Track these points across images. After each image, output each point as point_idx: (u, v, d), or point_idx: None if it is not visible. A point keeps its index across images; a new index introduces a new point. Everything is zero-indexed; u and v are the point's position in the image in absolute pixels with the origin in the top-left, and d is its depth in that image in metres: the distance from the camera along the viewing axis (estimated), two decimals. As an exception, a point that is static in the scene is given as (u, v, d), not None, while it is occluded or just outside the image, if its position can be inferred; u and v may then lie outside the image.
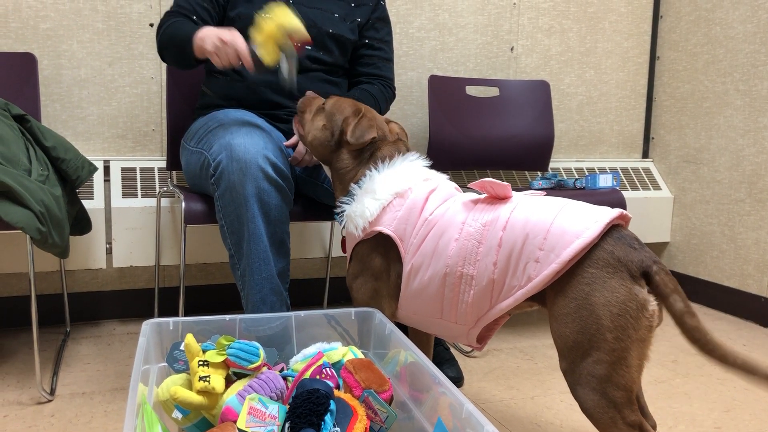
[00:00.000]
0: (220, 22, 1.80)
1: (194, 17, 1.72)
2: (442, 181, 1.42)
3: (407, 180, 1.38)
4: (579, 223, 1.12)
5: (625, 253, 1.08)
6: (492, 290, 1.21)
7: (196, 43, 1.55)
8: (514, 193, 1.29)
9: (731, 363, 1.02)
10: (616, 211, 1.14)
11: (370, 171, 1.41)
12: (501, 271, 1.19)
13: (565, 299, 1.11)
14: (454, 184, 1.44)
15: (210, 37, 1.51)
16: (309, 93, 1.61)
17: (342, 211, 1.43)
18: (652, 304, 1.07)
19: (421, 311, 1.34)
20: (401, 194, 1.36)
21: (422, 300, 1.32)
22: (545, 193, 1.36)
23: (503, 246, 1.19)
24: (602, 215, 1.12)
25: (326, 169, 1.55)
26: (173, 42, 1.63)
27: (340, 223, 1.44)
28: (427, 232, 1.31)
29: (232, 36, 1.49)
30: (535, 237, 1.15)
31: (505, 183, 1.26)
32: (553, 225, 1.14)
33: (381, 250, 1.38)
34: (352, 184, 1.43)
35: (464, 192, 1.42)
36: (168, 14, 1.75)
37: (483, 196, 1.31)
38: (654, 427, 1.19)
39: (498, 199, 1.28)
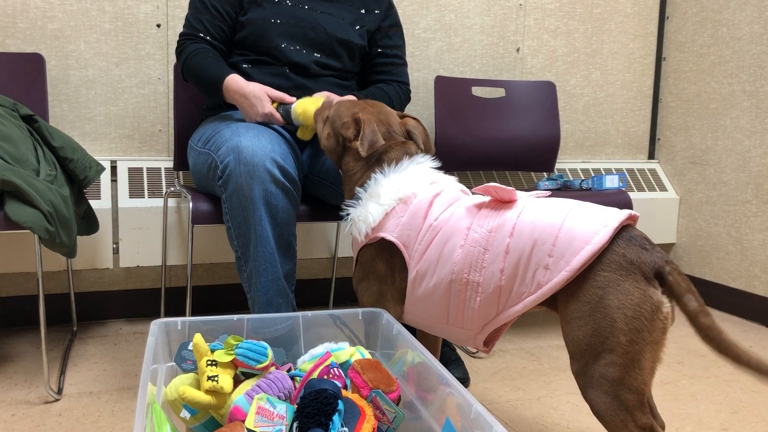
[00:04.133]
0: (233, 29, 1.81)
1: (208, 37, 1.78)
2: (447, 184, 1.40)
3: (412, 185, 1.36)
4: (588, 227, 1.11)
5: (637, 254, 1.08)
6: (499, 297, 1.20)
7: (226, 94, 1.69)
8: (519, 193, 1.27)
9: (744, 363, 1.01)
10: (625, 213, 1.13)
11: (376, 174, 1.40)
12: (509, 278, 1.18)
13: (577, 303, 1.10)
14: (460, 186, 1.42)
15: (238, 98, 1.67)
16: (324, 103, 1.60)
17: (347, 214, 1.43)
18: (666, 305, 1.06)
19: (427, 316, 1.34)
20: (405, 200, 1.35)
21: (428, 305, 1.32)
22: (550, 193, 1.35)
23: (511, 253, 1.18)
24: (611, 218, 1.11)
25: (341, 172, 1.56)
26: (199, 78, 1.73)
27: (347, 226, 1.44)
28: (432, 238, 1.29)
29: (260, 102, 1.65)
30: (544, 243, 1.13)
31: (510, 188, 1.24)
32: (562, 230, 1.13)
33: (385, 255, 1.38)
34: (358, 188, 1.43)
35: (470, 194, 1.41)
36: (184, 38, 1.79)
37: (488, 199, 1.30)
38: (663, 427, 1.19)
39: (503, 202, 1.27)
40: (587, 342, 1.08)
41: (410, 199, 1.35)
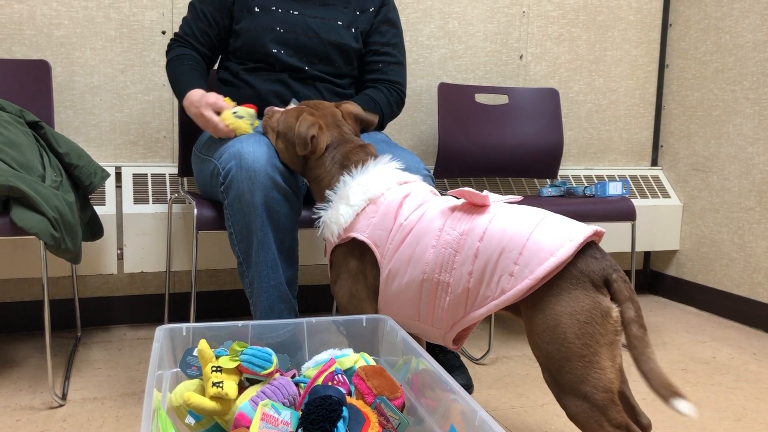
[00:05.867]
0: (224, 38, 1.83)
1: (194, 42, 1.82)
2: (416, 185, 1.44)
3: (380, 185, 1.40)
4: (554, 240, 1.14)
5: (586, 264, 1.13)
6: (467, 298, 1.24)
7: (185, 105, 1.70)
8: (492, 197, 1.30)
9: (652, 383, 1.06)
10: (591, 229, 1.16)
11: (344, 177, 1.43)
12: (476, 281, 1.22)
13: (534, 311, 1.15)
14: (429, 187, 1.46)
15: (191, 110, 1.67)
16: (266, 111, 1.63)
17: (319, 218, 1.46)
18: (615, 310, 1.11)
19: (400, 313, 1.37)
20: (374, 200, 1.39)
21: (400, 303, 1.35)
22: (522, 198, 1.38)
23: (479, 257, 1.21)
24: (577, 233, 1.15)
25: (306, 180, 1.59)
26: (171, 83, 1.79)
27: (319, 229, 1.46)
28: (403, 237, 1.32)
29: (208, 114, 1.62)
30: (511, 251, 1.17)
31: (484, 193, 1.27)
32: (530, 240, 1.16)
33: (356, 254, 1.40)
34: (328, 191, 1.46)
35: (441, 196, 1.44)
36: (173, 40, 1.85)
37: (461, 201, 1.33)
38: (649, 426, 1.21)
39: (475, 205, 1.29)
40: (547, 350, 1.13)
41: (379, 199, 1.38)
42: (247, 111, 1.64)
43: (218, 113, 1.62)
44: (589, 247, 1.15)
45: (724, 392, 1.82)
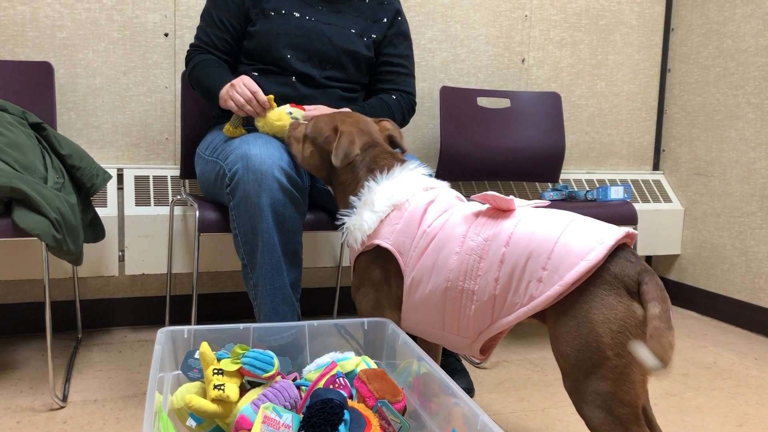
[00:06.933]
0: (239, 42, 1.83)
1: (213, 50, 1.82)
2: (441, 190, 1.41)
3: (405, 191, 1.37)
4: (584, 243, 1.10)
5: (621, 268, 1.07)
6: (493, 306, 1.20)
7: (220, 100, 1.69)
8: (517, 202, 1.26)
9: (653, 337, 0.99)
10: (622, 231, 1.12)
11: (369, 183, 1.41)
12: (503, 287, 1.18)
13: (564, 317, 1.10)
14: (455, 193, 1.42)
15: (225, 95, 1.66)
16: (291, 124, 1.62)
17: (343, 224, 1.44)
18: None
19: (424, 322, 1.34)
20: (398, 206, 1.36)
21: (424, 312, 1.32)
22: (549, 203, 1.34)
23: (506, 262, 1.17)
24: (607, 236, 1.10)
25: (330, 187, 1.57)
26: (201, 87, 1.76)
27: (343, 235, 1.45)
28: (426, 244, 1.29)
29: (244, 83, 1.63)
30: (539, 256, 1.13)
31: (509, 197, 1.24)
32: (558, 244, 1.12)
33: (380, 262, 1.38)
34: (352, 197, 1.44)
35: (467, 201, 1.41)
36: (192, 49, 1.84)
37: (485, 207, 1.29)
38: None
39: (500, 210, 1.26)
40: (575, 357, 1.08)
41: (404, 205, 1.36)
42: (301, 113, 1.64)
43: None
44: (621, 249, 1.10)
45: (726, 397, 1.82)
